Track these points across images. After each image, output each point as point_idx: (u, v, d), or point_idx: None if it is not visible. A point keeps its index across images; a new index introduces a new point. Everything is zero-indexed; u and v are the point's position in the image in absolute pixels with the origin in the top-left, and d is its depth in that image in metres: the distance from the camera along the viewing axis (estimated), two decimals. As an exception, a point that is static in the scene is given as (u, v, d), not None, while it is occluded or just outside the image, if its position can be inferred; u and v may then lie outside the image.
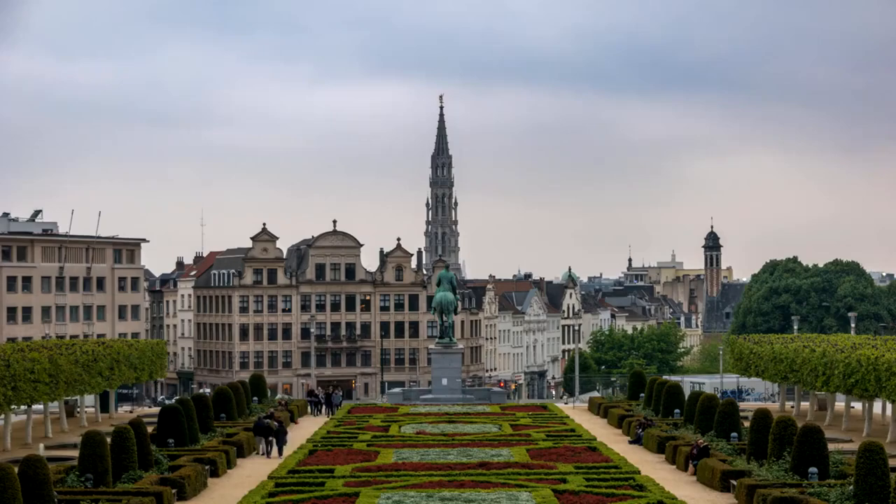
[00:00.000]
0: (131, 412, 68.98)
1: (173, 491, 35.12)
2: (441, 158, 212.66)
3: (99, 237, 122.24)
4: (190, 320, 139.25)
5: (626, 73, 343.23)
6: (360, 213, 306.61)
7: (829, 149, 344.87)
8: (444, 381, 73.72)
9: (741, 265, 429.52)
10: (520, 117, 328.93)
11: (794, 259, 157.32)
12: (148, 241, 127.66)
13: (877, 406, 56.22)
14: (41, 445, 46.83)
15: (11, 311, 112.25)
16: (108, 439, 36.76)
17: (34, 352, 49.58)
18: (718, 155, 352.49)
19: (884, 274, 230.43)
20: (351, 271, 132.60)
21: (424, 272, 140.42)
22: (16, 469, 29.57)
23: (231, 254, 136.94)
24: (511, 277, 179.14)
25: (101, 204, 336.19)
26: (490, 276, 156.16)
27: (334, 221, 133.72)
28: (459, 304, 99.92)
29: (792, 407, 64.90)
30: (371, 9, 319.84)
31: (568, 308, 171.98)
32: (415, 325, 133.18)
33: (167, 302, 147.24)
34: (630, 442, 50.69)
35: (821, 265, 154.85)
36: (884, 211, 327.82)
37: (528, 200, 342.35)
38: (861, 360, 48.18)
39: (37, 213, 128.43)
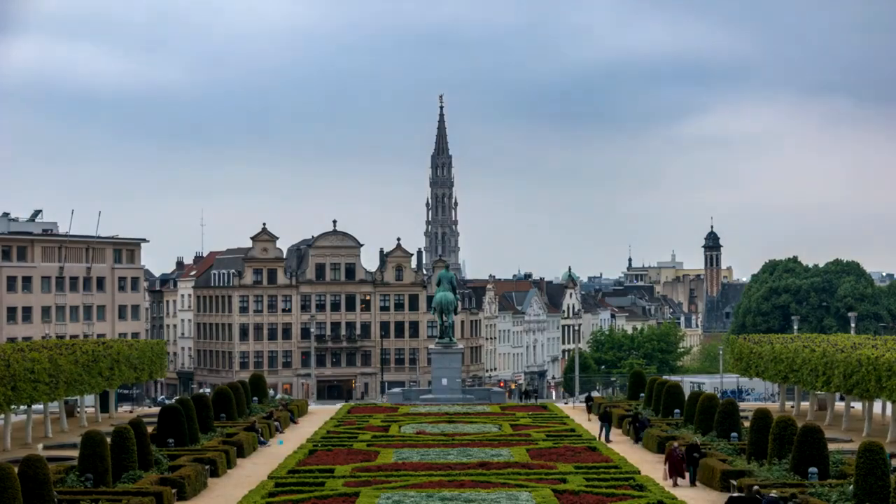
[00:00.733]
0: (131, 412, 68.96)
1: (173, 491, 35.12)
2: (441, 158, 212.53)
3: (99, 237, 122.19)
4: (190, 320, 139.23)
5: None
6: (360, 213, 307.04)
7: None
8: (444, 381, 73.71)
9: (741, 265, 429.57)
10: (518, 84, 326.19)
11: (794, 259, 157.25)
12: (148, 241, 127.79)
13: (877, 406, 56.21)
14: (41, 445, 46.83)
15: (11, 311, 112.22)
16: (108, 439, 36.77)
17: (34, 352, 49.56)
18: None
19: (884, 274, 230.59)
20: (351, 271, 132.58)
21: (424, 272, 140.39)
22: (16, 469, 29.57)
23: (231, 254, 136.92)
24: (511, 277, 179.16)
25: (100, 204, 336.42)
26: (490, 276, 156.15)
27: (334, 221, 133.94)
28: (459, 304, 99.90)
29: (792, 407, 64.87)
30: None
31: (568, 308, 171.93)
32: (415, 325, 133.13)
33: (167, 302, 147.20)
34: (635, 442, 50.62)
35: (821, 265, 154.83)
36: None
37: (528, 200, 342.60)
38: (861, 360, 48.17)
39: (37, 213, 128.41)
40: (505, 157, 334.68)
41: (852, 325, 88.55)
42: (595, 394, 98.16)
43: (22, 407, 48.66)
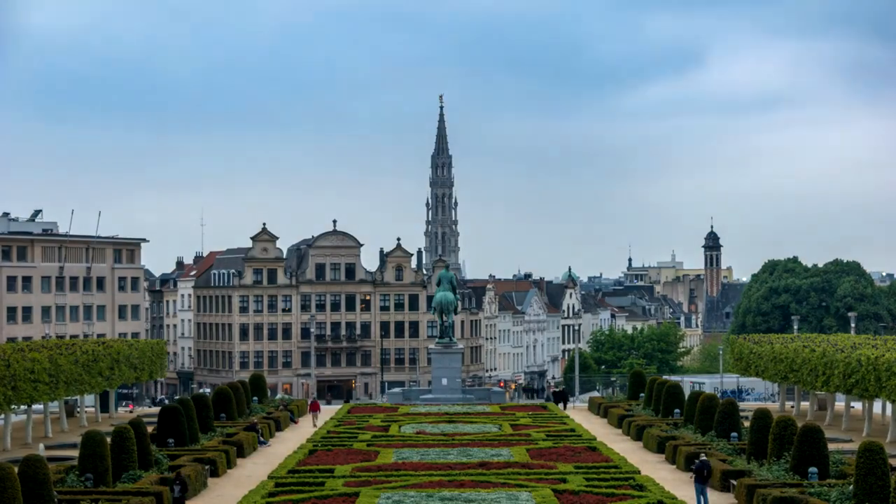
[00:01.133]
0: (131, 412, 68.99)
1: (173, 491, 35.14)
2: (441, 158, 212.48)
3: (99, 237, 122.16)
4: (190, 320, 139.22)
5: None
6: (360, 213, 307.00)
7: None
8: (444, 381, 73.72)
9: (741, 265, 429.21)
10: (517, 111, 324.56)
11: (794, 259, 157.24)
12: (148, 241, 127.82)
13: (877, 406, 56.22)
14: (41, 445, 46.82)
15: (11, 311, 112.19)
16: (108, 439, 36.77)
17: (34, 352, 49.58)
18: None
19: (884, 274, 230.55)
20: (351, 271, 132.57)
21: (424, 272, 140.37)
22: (16, 469, 29.58)
23: (231, 254, 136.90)
24: (511, 277, 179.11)
25: (100, 204, 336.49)
26: (490, 276, 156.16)
27: (334, 221, 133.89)
28: (459, 303, 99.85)
29: (792, 407, 64.90)
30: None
31: (568, 308, 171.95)
32: (415, 325, 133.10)
33: (167, 302, 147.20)
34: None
35: (821, 265, 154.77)
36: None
37: (527, 200, 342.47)
38: (861, 360, 48.20)
39: (37, 213, 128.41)
40: (500, 150, 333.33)
41: (852, 325, 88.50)
42: (595, 394, 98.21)
43: (22, 407, 48.68)
